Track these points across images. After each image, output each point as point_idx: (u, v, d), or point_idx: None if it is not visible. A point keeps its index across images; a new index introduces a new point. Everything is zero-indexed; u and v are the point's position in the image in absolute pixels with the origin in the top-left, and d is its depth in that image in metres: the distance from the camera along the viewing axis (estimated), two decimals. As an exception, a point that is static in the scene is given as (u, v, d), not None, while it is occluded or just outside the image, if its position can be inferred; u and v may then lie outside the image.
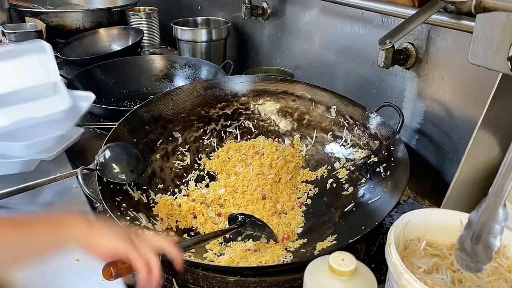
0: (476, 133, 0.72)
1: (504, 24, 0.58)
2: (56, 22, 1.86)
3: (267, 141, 1.07)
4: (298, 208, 0.94)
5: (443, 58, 0.92)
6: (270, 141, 1.07)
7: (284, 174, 0.99)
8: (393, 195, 0.80)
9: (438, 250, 0.63)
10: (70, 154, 1.05)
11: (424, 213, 0.66)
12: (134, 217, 0.82)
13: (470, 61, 0.64)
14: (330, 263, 0.54)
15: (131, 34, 1.84)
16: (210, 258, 0.79)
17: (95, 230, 0.56)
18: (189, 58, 1.56)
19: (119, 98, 1.45)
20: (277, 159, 1.00)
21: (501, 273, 0.59)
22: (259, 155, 1.01)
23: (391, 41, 0.83)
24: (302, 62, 1.39)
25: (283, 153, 1.03)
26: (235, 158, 1.02)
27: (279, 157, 1.01)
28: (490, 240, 0.46)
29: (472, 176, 0.76)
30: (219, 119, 1.10)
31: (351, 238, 0.72)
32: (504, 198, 0.44)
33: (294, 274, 0.71)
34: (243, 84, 1.11)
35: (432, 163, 0.99)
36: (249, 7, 1.47)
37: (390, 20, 1.02)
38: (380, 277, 0.73)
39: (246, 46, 1.68)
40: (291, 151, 1.04)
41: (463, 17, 0.79)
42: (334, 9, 1.20)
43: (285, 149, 1.05)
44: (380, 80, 1.09)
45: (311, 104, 1.07)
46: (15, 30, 1.65)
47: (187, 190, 0.98)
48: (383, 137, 0.93)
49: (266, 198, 0.93)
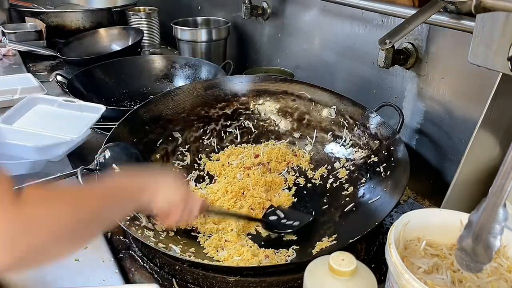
0: (476, 133, 0.72)
1: (504, 24, 0.58)
2: (56, 22, 1.86)
3: (267, 148, 1.06)
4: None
5: (443, 58, 0.92)
6: (271, 149, 1.06)
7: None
8: (393, 195, 0.80)
9: (438, 250, 0.63)
10: (70, 154, 1.05)
11: (424, 213, 0.66)
12: (134, 217, 0.82)
13: (470, 61, 0.64)
14: (330, 263, 0.54)
15: (131, 34, 1.84)
16: (211, 254, 0.79)
17: (159, 191, 0.65)
18: (189, 58, 1.56)
19: (119, 98, 1.45)
20: (283, 171, 1.02)
21: (501, 273, 0.59)
22: (263, 167, 1.02)
23: (391, 41, 0.83)
24: (302, 62, 1.39)
25: (286, 162, 1.04)
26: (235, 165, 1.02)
27: (284, 168, 1.03)
28: (490, 240, 0.46)
29: (472, 176, 0.76)
30: (219, 119, 1.10)
31: (351, 238, 0.72)
32: (504, 198, 0.44)
33: (294, 274, 0.71)
34: (243, 84, 1.11)
35: (432, 163, 0.99)
36: (249, 7, 1.47)
37: (390, 20, 1.02)
38: (380, 277, 0.73)
39: (246, 46, 1.68)
40: (295, 159, 1.05)
41: (463, 17, 0.79)
42: (334, 9, 1.20)
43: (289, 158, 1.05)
44: (380, 80, 1.09)
45: (311, 104, 1.07)
46: (15, 30, 1.65)
47: (187, 190, 0.97)
48: (383, 137, 0.93)
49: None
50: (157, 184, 0.66)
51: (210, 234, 0.85)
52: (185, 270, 0.73)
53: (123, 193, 0.61)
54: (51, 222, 0.48)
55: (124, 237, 0.85)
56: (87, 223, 0.53)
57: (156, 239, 0.78)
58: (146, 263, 0.78)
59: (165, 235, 0.82)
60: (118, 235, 0.85)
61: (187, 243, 0.82)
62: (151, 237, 0.78)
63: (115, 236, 0.85)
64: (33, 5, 2.02)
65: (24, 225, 0.45)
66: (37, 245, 0.46)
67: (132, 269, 0.78)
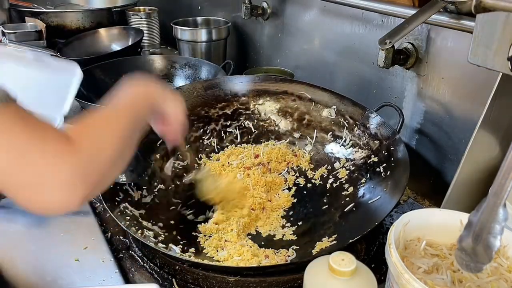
0: (476, 133, 0.72)
1: (504, 24, 0.58)
2: (56, 22, 1.86)
3: (267, 148, 1.07)
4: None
5: (443, 58, 0.92)
6: (271, 149, 1.06)
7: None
8: (393, 195, 0.80)
9: (438, 250, 0.63)
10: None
11: (424, 213, 0.66)
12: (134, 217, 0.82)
13: (470, 61, 0.64)
14: (330, 263, 0.54)
15: (131, 34, 1.84)
16: (211, 254, 0.79)
17: (167, 94, 0.72)
18: (189, 58, 1.55)
19: (119, 98, 1.44)
20: (283, 171, 1.03)
21: (501, 273, 0.59)
22: (263, 167, 1.02)
23: (391, 41, 0.83)
24: (302, 62, 1.39)
25: (286, 162, 1.04)
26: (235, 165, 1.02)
27: (284, 169, 1.03)
28: (490, 240, 0.46)
29: (472, 176, 0.76)
30: (219, 119, 1.10)
31: (351, 238, 0.72)
32: (504, 198, 0.44)
33: (294, 274, 0.71)
34: (243, 84, 1.11)
35: (432, 163, 0.99)
36: (249, 7, 1.46)
37: (390, 20, 1.02)
38: (380, 277, 0.73)
39: (246, 46, 1.68)
40: (295, 159, 1.05)
41: (463, 17, 0.79)
42: (334, 9, 1.20)
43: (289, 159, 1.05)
44: (380, 80, 1.09)
45: (311, 104, 1.07)
46: (15, 30, 1.65)
47: (187, 190, 0.98)
48: (383, 137, 0.93)
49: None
50: (164, 89, 0.72)
51: (210, 234, 0.85)
52: (185, 270, 0.73)
53: (142, 98, 0.67)
54: (107, 143, 0.54)
55: (124, 237, 0.85)
56: (131, 131, 0.60)
57: (156, 239, 0.78)
58: (146, 263, 0.78)
59: (166, 235, 0.82)
60: (118, 235, 0.85)
61: (187, 243, 0.82)
62: (151, 237, 0.78)
63: (115, 236, 0.85)
64: (33, 5, 2.02)
65: (87, 156, 0.49)
66: (104, 168, 0.52)
67: (132, 269, 0.78)
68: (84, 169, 0.48)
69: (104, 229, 0.86)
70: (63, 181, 0.47)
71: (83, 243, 0.81)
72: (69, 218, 0.87)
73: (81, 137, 0.50)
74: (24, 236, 0.83)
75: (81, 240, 0.82)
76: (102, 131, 0.55)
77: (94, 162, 0.50)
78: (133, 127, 0.61)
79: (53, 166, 0.47)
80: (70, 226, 0.85)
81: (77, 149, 0.48)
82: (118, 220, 0.76)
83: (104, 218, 0.90)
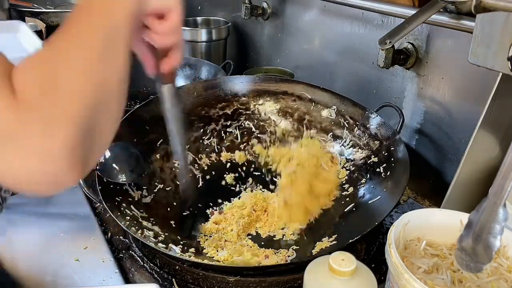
0: (476, 133, 0.72)
1: (504, 24, 0.58)
2: (56, 22, 1.86)
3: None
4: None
5: (443, 58, 0.92)
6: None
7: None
8: (393, 195, 0.80)
9: (438, 250, 0.63)
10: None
11: (424, 213, 0.66)
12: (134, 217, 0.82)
13: (470, 61, 0.64)
14: (330, 263, 0.54)
15: (131, 34, 1.84)
16: (211, 254, 0.79)
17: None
18: (189, 58, 1.55)
19: (119, 98, 1.44)
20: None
21: (501, 273, 0.59)
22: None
23: (391, 41, 0.83)
24: (302, 62, 1.39)
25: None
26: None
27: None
28: (490, 240, 0.46)
29: (472, 176, 0.76)
30: (219, 119, 1.09)
31: (351, 238, 0.72)
32: (504, 198, 0.44)
33: (294, 274, 0.71)
34: (243, 84, 1.11)
35: (432, 163, 0.99)
36: (249, 7, 1.47)
37: (390, 20, 1.02)
38: (380, 277, 0.73)
39: (246, 46, 1.68)
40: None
41: (463, 17, 0.79)
42: (334, 9, 1.20)
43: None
44: (380, 80, 1.09)
45: (311, 104, 1.07)
46: (15, 30, 1.64)
47: (187, 190, 0.97)
48: (383, 137, 0.93)
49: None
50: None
51: (210, 234, 0.85)
52: (185, 270, 0.73)
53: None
54: (71, 83, 0.38)
55: (124, 237, 0.85)
56: (108, 55, 0.43)
57: (156, 239, 0.78)
58: (146, 263, 0.78)
59: (166, 235, 0.82)
60: (118, 235, 0.85)
61: (187, 243, 0.82)
62: (151, 237, 0.78)
63: (115, 236, 0.85)
64: (33, 5, 2.02)
65: (41, 108, 0.36)
66: (79, 118, 0.38)
67: (132, 269, 0.78)
68: (46, 126, 0.36)
69: (104, 229, 0.86)
70: (23, 146, 0.35)
71: (83, 243, 0.81)
72: (69, 218, 0.87)
73: (27, 83, 0.37)
74: (24, 236, 0.83)
75: (81, 240, 0.82)
76: (61, 65, 0.39)
77: (57, 114, 0.36)
78: (111, 46, 0.44)
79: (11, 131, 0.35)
80: (70, 226, 0.85)
81: (25, 102, 0.35)
82: (118, 220, 0.76)
83: (104, 218, 0.90)
